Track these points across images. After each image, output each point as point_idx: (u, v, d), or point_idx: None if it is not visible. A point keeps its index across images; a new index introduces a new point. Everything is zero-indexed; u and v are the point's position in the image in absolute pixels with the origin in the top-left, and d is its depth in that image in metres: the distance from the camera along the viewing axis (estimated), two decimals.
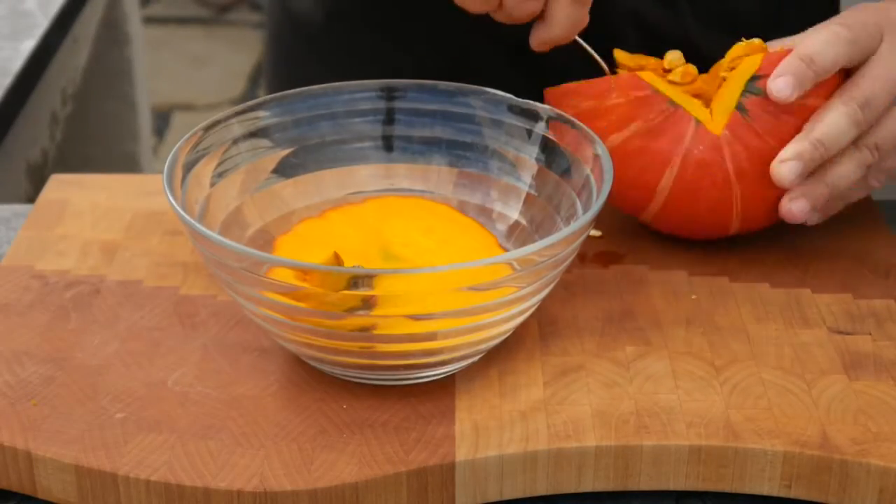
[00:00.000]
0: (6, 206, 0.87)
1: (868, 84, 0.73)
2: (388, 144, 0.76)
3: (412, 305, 0.63)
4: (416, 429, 0.64)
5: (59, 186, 0.84)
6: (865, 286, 0.74)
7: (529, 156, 0.73)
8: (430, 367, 0.66)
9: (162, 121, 2.71)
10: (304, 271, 0.62)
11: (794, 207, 0.73)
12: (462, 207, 0.75)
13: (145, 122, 1.73)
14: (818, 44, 0.72)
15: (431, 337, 0.64)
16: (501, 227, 0.74)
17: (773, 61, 0.73)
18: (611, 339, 0.70)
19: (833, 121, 0.72)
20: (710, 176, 0.73)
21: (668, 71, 0.76)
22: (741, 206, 0.74)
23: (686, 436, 0.63)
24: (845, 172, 0.74)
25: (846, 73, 0.75)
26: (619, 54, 0.77)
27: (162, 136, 2.67)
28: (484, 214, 0.75)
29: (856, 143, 0.74)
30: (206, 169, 0.70)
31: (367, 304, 0.63)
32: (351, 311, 0.63)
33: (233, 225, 0.71)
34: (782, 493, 0.64)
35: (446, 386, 0.67)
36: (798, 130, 0.73)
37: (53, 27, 1.26)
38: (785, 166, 0.72)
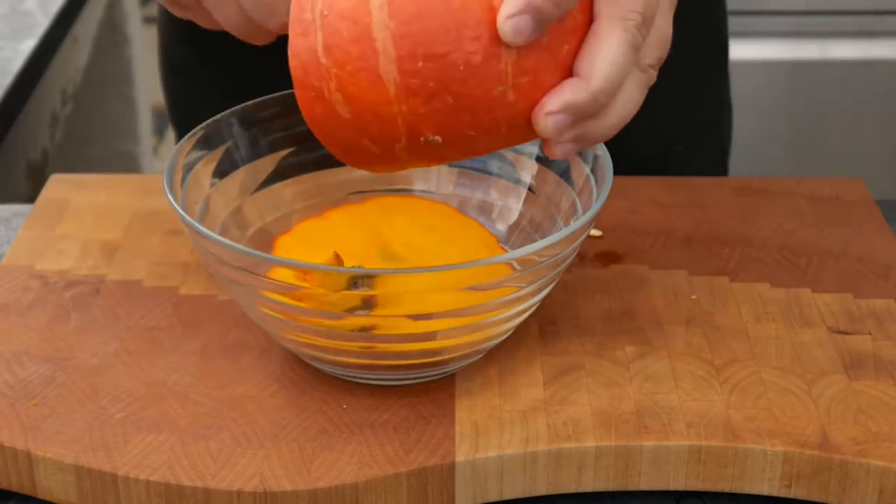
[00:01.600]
0: (6, 206, 0.87)
1: None
2: None
3: (412, 305, 0.63)
4: (416, 429, 0.64)
5: (59, 186, 0.84)
6: (865, 286, 0.74)
7: (529, 155, 0.73)
8: (430, 367, 0.66)
9: (162, 121, 2.71)
10: (304, 271, 0.62)
11: (560, 151, 0.59)
12: (462, 207, 0.75)
13: (145, 122, 1.73)
14: None
15: (431, 337, 0.64)
16: (501, 226, 0.74)
17: None
18: (611, 339, 0.70)
19: (613, 57, 0.57)
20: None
21: None
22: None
23: (686, 436, 0.63)
24: (631, 104, 0.60)
25: None
26: None
27: (162, 136, 2.67)
28: (484, 214, 0.75)
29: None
30: (206, 169, 0.70)
31: (367, 304, 0.63)
32: (351, 311, 0.63)
33: (233, 225, 0.71)
34: (782, 493, 0.64)
35: (446, 386, 0.67)
36: None
37: (53, 27, 1.26)
38: (551, 120, 0.57)
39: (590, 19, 0.58)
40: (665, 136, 0.96)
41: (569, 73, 0.58)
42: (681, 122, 0.97)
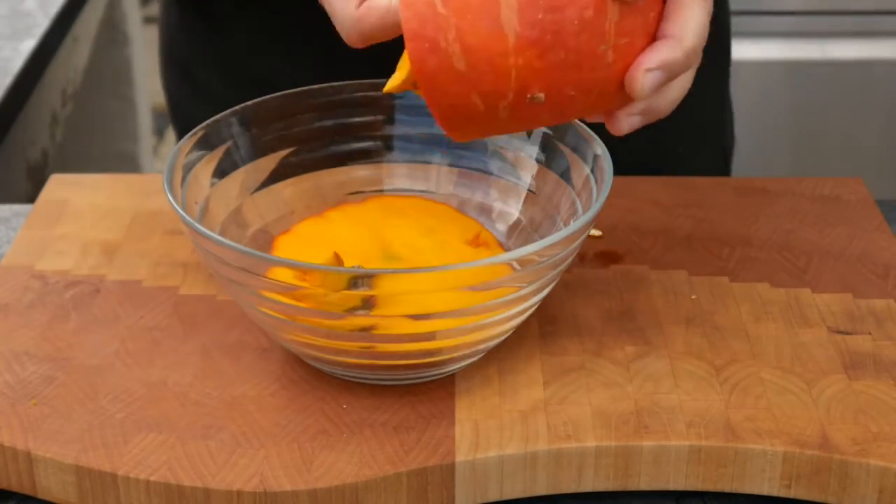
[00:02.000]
0: (6, 206, 0.87)
1: None
2: (387, 143, 0.76)
3: (412, 305, 0.63)
4: (416, 429, 0.64)
5: (59, 186, 0.84)
6: (865, 286, 0.74)
7: (529, 155, 0.73)
8: (430, 367, 0.66)
9: (162, 121, 2.71)
10: (304, 271, 0.62)
11: (627, 125, 0.62)
12: (462, 207, 0.75)
13: (145, 122, 1.73)
14: None
15: (431, 337, 0.64)
16: (501, 226, 0.74)
17: None
18: (611, 339, 0.70)
19: (700, 19, 0.61)
20: None
21: None
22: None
23: (686, 436, 0.63)
24: (687, 79, 0.63)
25: None
26: None
27: (162, 136, 2.67)
28: (484, 214, 0.75)
29: None
30: (206, 169, 0.70)
31: (367, 304, 0.63)
32: (351, 311, 0.63)
33: (233, 225, 0.71)
34: (782, 493, 0.64)
35: (446, 386, 0.67)
36: None
37: (53, 27, 1.26)
38: (649, 77, 0.59)
39: None
40: (665, 137, 0.96)
41: (652, 39, 0.60)
42: (682, 122, 0.97)
